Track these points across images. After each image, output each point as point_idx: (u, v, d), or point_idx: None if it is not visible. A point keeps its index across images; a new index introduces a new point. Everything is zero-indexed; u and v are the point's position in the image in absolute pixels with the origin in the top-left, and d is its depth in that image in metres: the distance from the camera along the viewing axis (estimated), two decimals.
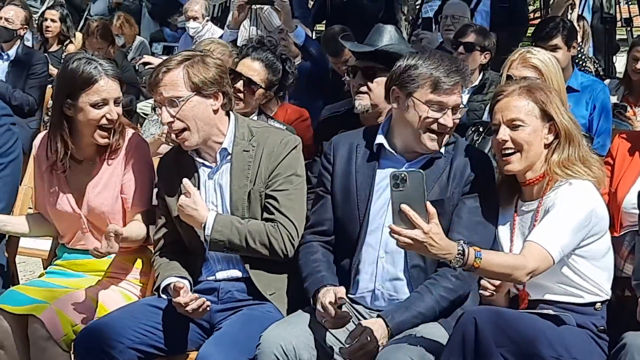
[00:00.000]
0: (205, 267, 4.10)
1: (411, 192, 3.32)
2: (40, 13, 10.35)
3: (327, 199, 4.00)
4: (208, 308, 3.89)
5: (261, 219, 4.02)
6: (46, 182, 4.26)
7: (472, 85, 6.31)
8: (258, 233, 3.96)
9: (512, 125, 3.73)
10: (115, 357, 3.82)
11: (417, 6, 10.00)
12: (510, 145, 3.73)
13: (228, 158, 4.06)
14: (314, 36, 9.62)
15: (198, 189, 4.03)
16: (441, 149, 3.87)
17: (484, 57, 6.51)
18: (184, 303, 3.84)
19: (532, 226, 3.71)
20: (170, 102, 3.95)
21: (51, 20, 9.62)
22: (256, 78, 5.09)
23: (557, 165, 3.72)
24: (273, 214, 4.00)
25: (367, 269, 3.87)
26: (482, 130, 4.85)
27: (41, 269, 4.87)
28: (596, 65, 8.13)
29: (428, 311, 3.71)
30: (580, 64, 7.34)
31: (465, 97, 5.98)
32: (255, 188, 4.01)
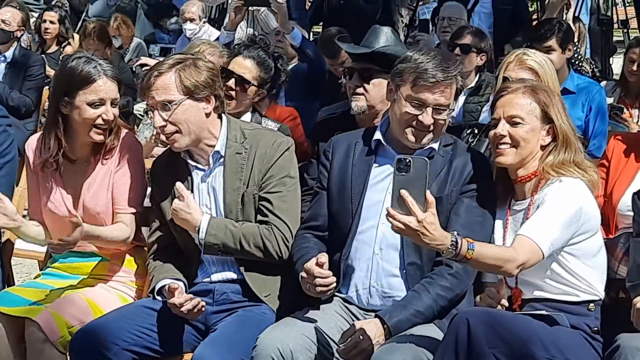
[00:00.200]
0: (200, 270, 4.10)
1: (413, 178, 3.33)
2: (39, 15, 10.34)
3: (323, 195, 4.00)
4: (203, 309, 3.89)
5: (255, 221, 4.01)
6: (40, 184, 4.24)
7: (468, 87, 6.31)
8: (252, 236, 3.96)
9: (512, 121, 3.75)
10: (110, 359, 3.82)
11: (414, 8, 9.99)
12: (507, 140, 3.74)
13: (221, 161, 4.05)
14: (312, 38, 9.62)
15: (191, 192, 4.02)
16: (434, 146, 3.86)
17: (480, 59, 6.50)
18: (179, 304, 3.84)
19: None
20: (162, 106, 3.94)
21: (50, 21, 9.62)
22: (248, 76, 5.06)
23: (551, 166, 3.73)
24: (267, 216, 4.00)
25: (362, 266, 3.84)
26: (478, 132, 4.85)
27: (37, 271, 4.86)
28: (592, 66, 8.14)
29: (426, 310, 3.70)
30: (576, 64, 7.35)
31: (461, 99, 5.97)
32: (248, 190, 4.01)
